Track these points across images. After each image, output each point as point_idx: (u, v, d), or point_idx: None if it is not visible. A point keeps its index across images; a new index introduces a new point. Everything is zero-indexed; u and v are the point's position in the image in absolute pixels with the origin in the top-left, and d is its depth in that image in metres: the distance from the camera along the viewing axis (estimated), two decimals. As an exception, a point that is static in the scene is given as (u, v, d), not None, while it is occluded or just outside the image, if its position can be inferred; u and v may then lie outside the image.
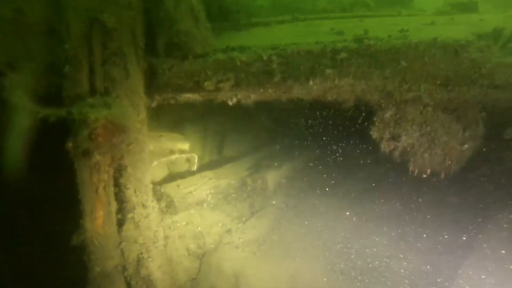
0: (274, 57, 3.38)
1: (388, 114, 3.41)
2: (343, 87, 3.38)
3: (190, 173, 4.61)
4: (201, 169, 4.81)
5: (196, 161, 4.67)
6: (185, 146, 4.48)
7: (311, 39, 3.71)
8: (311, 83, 3.38)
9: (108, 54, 3.27)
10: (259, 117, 5.01)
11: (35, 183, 3.84)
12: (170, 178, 4.50)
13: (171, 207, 4.06)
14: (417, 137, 3.40)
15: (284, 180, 4.87)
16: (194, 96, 3.74)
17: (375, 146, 3.60)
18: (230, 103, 3.70)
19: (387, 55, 3.28)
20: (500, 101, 3.27)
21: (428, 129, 3.37)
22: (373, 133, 3.52)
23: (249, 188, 4.69)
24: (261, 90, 3.51)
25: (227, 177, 4.64)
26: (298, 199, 4.70)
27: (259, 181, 4.64)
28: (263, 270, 3.78)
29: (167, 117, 4.65)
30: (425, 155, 3.42)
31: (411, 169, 3.54)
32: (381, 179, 4.75)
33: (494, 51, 3.23)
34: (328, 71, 3.32)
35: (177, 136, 4.62)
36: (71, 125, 3.10)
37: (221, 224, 4.32)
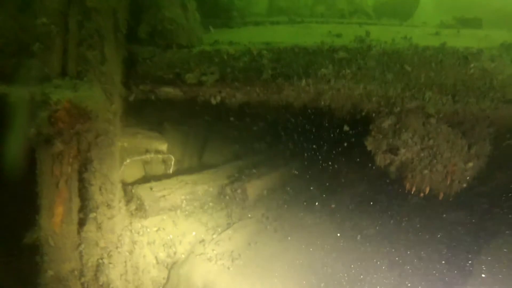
0: (264, 51, 3.11)
1: (386, 124, 3.10)
2: (339, 90, 3.06)
3: (166, 176, 4.28)
4: (179, 172, 4.49)
5: (173, 163, 4.35)
6: (162, 146, 4.18)
7: (307, 39, 3.42)
8: (303, 83, 3.08)
9: (85, 35, 3.04)
10: (244, 122, 4.71)
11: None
12: (144, 180, 4.18)
13: (141, 210, 3.74)
14: (417, 151, 3.07)
15: (266, 191, 4.55)
16: (175, 91, 3.45)
17: (369, 158, 3.27)
18: (214, 101, 3.39)
19: (390, 58, 2.99)
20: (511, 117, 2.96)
21: (430, 142, 3.06)
22: (369, 144, 3.19)
23: (227, 197, 4.40)
24: (248, 88, 3.23)
25: (205, 183, 4.35)
26: (280, 212, 4.35)
27: (238, 191, 4.34)
28: (235, 287, 3.42)
29: (148, 115, 4.37)
30: (424, 171, 3.08)
31: (407, 186, 3.19)
32: (375, 195, 4.38)
33: (507, 62, 2.92)
34: (324, 71, 3.03)
35: (155, 135, 4.32)
36: (31, 107, 2.79)
37: (194, 233, 4.01)
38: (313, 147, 4.58)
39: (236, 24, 4.49)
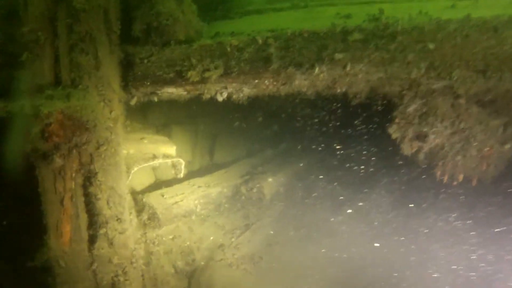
0: (271, 39, 2.85)
1: (411, 108, 2.86)
2: (356, 75, 2.80)
3: (177, 180, 4.09)
4: (190, 175, 4.31)
5: (183, 167, 4.15)
6: (171, 150, 3.97)
7: (314, 24, 3.13)
8: (317, 70, 2.81)
9: (75, 40, 2.84)
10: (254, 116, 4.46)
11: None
12: (156, 186, 4.00)
13: (154, 219, 3.57)
14: (447, 135, 2.81)
15: (282, 189, 4.34)
16: (178, 91, 3.22)
17: (394, 147, 3.01)
18: (220, 98, 3.15)
19: (410, 36, 2.71)
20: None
21: (461, 126, 2.81)
22: (393, 131, 2.93)
23: (243, 198, 4.21)
24: (256, 81, 2.99)
25: (218, 185, 4.18)
26: (299, 210, 4.14)
27: (254, 190, 4.16)
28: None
29: (153, 118, 4.16)
30: (457, 157, 2.82)
31: (438, 174, 2.94)
32: (402, 188, 4.13)
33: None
34: (338, 55, 2.77)
35: (162, 138, 4.14)
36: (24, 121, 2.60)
37: (212, 238, 3.88)
38: (329, 140, 4.31)
39: (236, 14, 4.20)
